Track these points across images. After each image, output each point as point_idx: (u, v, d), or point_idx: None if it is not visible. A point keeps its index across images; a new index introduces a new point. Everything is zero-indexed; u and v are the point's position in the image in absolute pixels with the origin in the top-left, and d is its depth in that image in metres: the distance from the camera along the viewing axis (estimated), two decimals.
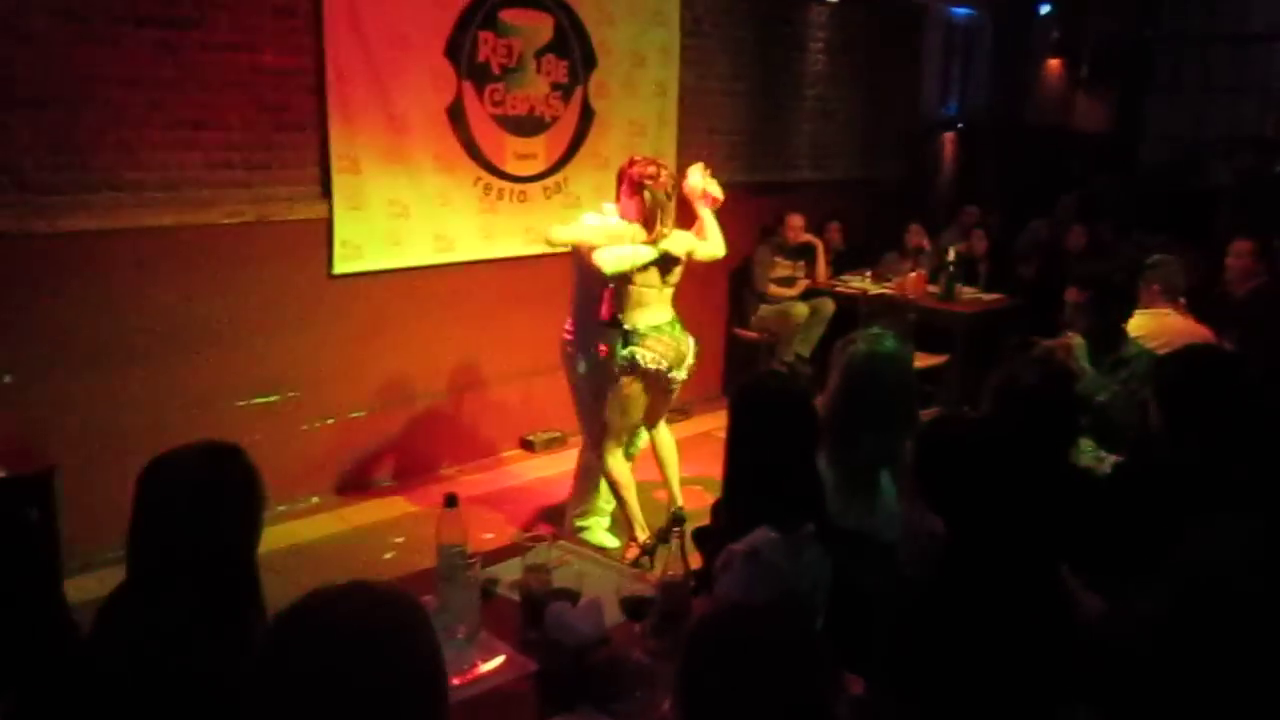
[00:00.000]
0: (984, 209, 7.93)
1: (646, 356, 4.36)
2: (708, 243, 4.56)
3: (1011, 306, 6.90)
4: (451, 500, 2.44)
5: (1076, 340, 3.84)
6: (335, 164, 5.01)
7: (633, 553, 4.46)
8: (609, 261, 4.23)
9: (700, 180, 4.54)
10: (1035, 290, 7.00)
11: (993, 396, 2.79)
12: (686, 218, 4.56)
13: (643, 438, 4.76)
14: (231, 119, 4.68)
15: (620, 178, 4.43)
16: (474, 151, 5.54)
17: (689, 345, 4.53)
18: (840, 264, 7.50)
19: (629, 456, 4.69)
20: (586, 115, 6.02)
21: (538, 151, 5.84)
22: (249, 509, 2.06)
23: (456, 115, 5.43)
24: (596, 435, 4.57)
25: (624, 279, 4.30)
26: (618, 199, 4.48)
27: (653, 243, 4.31)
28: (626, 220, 4.38)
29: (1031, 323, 6.60)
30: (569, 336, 4.58)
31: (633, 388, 4.41)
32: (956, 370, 6.59)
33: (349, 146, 5.04)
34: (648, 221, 4.31)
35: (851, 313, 6.90)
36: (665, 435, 4.78)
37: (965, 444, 2.18)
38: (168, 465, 2.02)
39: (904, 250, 7.54)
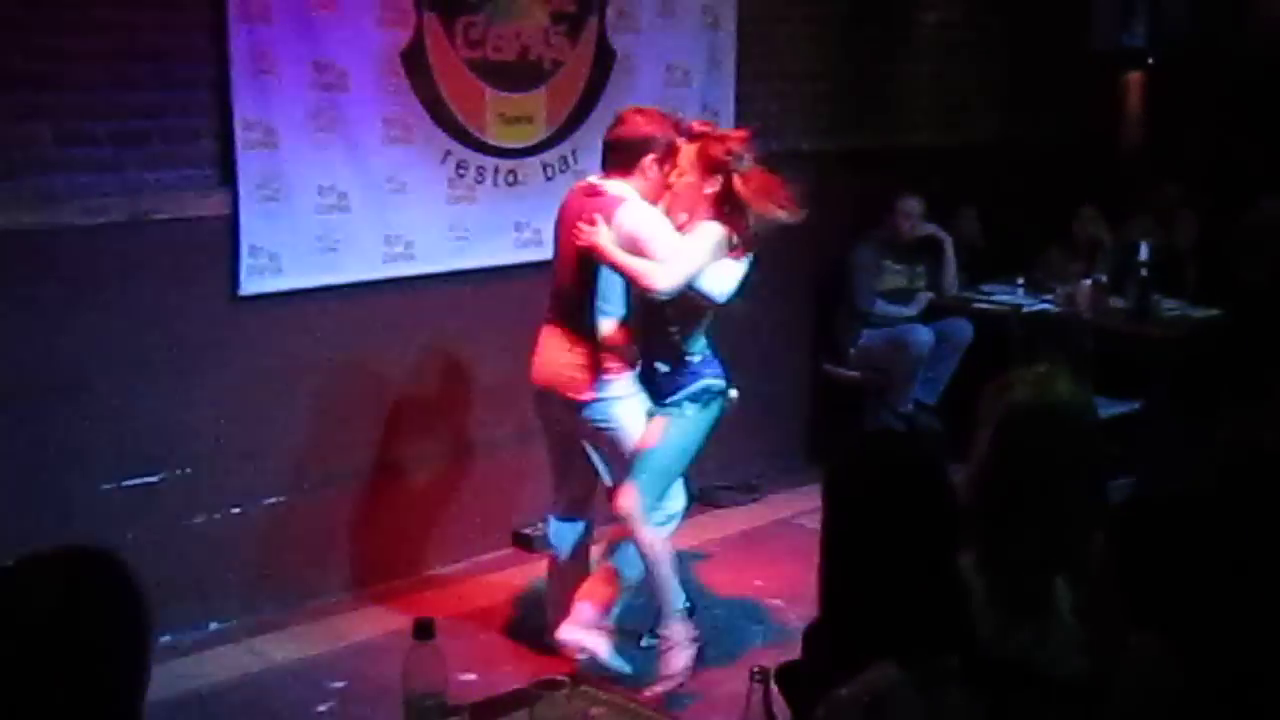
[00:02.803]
0: (1190, 184, 7.90)
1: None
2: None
3: (1233, 325, 6.85)
4: (425, 629, 2.45)
5: None
6: (240, 136, 5.07)
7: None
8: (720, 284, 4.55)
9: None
10: (1268, 301, 6.95)
11: (1222, 469, 2.77)
12: None
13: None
14: (94, 74, 4.75)
15: (661, 147, 4.58)
16: (441, 114, 5.61)
17: None
18: (979, 268, 7.48)
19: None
20: (604, 58, 6.09)
21: (534, 112, 5.91)
22: (129, 643, 2.07)
23: (416, 62, 5.50)
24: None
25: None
26: (617, 169, 4.65)
27: (747, 251, 4.56)
28: (668, 211, 4.59)
29: (1266, 350, 6.55)
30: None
31: None
32: (1155, 422, 6.54)
33: (261, 110, 5.11)
34: (730, 218, 4.53)
35: (999, 340, 6.88)
36: None
37: (1197, 537, 2.16)
38: (11, 581, 2.04)
39: (1073, 246, 7.52)
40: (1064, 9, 8.42)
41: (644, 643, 5.01)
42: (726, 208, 4.53)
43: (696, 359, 4.70)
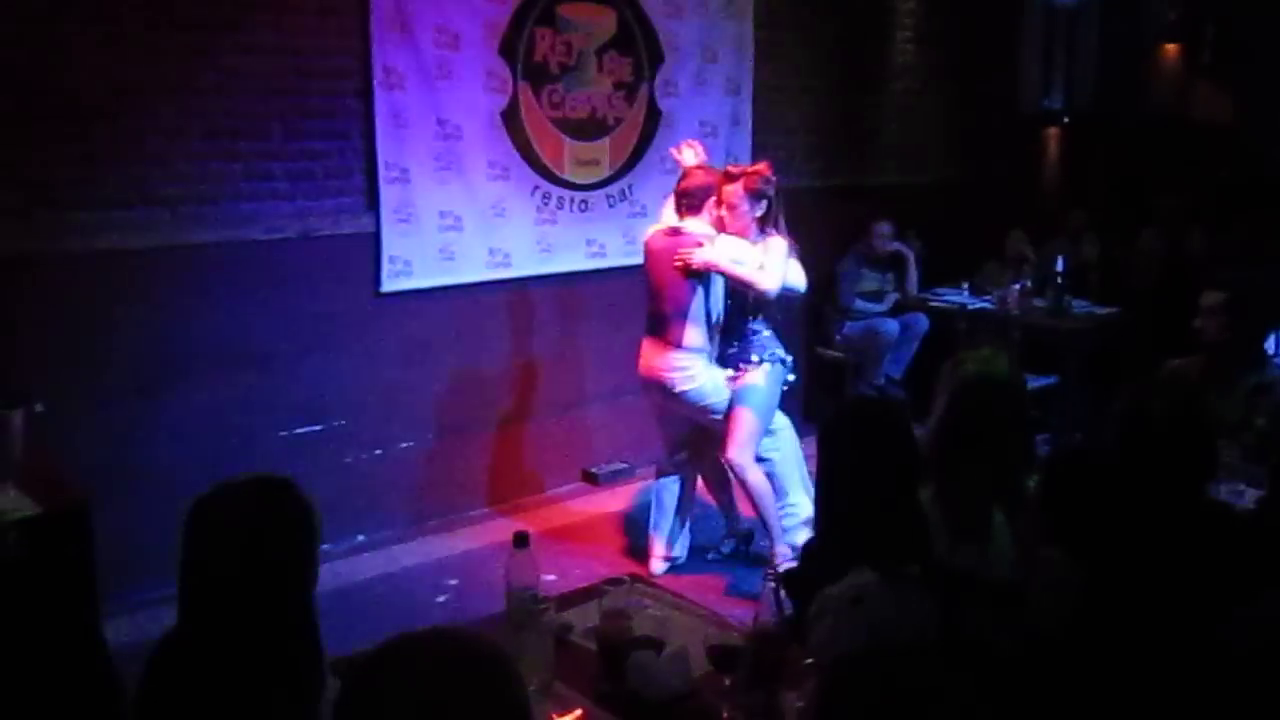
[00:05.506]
0: (1094, 213, 7.82)
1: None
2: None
3: (1126, 321, 6.79)
4: (522, 539, 2.45)
5: None
6: (383, 174, 5.09)
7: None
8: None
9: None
10: (1152, 303, 6.89)
11: (1119, 430, 2.75)
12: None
13: None
14: (273, 127, 4.79)
15: (704, 190, 4.67)
16: (531, 158, 5.61)
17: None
18: (929, 275, 7.45)
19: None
20: (653, 116, 6.06)
21: (600, 157, 5.89)
22: (305, 547, 2.10)
23: (512, 119, 5.50)
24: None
25: None
26: (690, 211, 4.66)
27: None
28: (719, 232, 4.66)
29: (1151, 338, 6.49)
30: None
31: None
32: (1068, 393, 6.49)
33: (397, 155, 5.13)
34: (777, 228, 4.66)
35: (947, 330, 6.83)
36: None
37: (1103, 481, 2.15)
38: (218, 502, 2.07)
39: (1006, 260, 7.46)
40: (999, 80, 8.33)
41: (710, 556, 5.08)
42: (770, 221, 4.63)
43: (764, 334, 4.75)
